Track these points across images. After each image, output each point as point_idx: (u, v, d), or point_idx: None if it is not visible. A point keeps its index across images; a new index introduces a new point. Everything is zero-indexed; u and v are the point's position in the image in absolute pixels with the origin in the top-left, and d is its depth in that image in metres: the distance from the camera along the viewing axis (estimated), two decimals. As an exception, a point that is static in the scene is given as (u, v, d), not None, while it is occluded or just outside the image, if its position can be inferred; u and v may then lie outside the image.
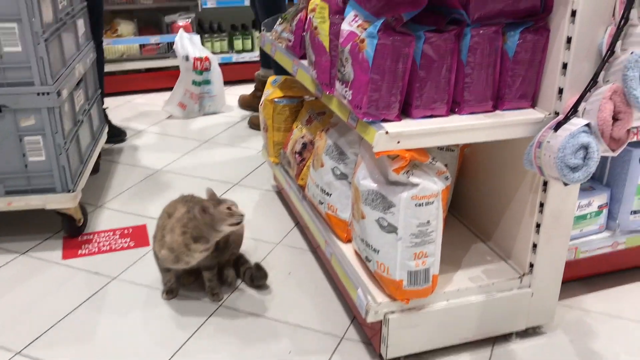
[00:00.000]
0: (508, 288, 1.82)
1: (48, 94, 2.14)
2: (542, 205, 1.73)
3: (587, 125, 1.40)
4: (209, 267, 2.05)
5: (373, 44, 1.47)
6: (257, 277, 2.14)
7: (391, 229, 1.63)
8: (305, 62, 2.11)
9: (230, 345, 1.87)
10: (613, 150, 1.40)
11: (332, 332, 1.94)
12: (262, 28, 2.66)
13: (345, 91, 1.59)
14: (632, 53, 1.35)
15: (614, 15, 1.51)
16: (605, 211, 2.02)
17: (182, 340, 1.88)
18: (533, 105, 1.68)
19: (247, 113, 4.00)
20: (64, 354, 1.82)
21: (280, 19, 2.56)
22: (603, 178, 2.06)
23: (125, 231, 2.52)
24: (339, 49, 1.62)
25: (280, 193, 2.85)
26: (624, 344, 1.89)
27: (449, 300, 1.77)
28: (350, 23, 1.61)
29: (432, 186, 1.61)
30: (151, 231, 2.39)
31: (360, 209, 1.71)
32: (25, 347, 1.84)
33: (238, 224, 1.88)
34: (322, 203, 2.05)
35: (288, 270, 2.26)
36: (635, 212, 2.03)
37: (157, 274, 2.15)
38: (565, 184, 1.42)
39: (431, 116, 1.60)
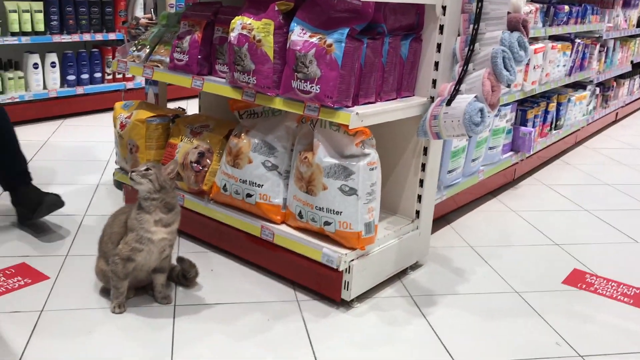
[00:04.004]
0: (408, 231, 2.46)
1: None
2: (423, 165, 2.43)
3: (475, 97, 2.14)
4: (163, 269, 2.14)
5: (341, 48, 1.95)
6: (185, 270, 2.29)
7: (352, 192, 2.11)
8: (212, 77, 2.41)
9: (214, 331, 2.03)
10: (491, 110, 2.18)
11: (286, 299, 2.26)
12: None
13: (312, 86, 2.01)
14: (493, 48, 2.15)
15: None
16: (433, 173, 2.83)
17: (168, 338, 1.97)
18: (413, 94, 2.37)
19: None
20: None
21: (135, 46, 2.73)
22: (424, 152, 2.87)
23: (7, 272, 2.32)
24: (295, 55, 2.03)
25: (140, 214, 2.93)
26: (468, 263, 2.71)
27: (380, 245, 2.31)
28: (300, 35, 2.05)
29: (376, 155, 2.15)
30: (35, 265, 2.38)
31: (322, 182, 2.13)
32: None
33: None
34: (250, 195, 2.36)
35: (206, 269, 2.45)
36: (450, 172, 2.89)
37: (84, 298, 2.16)
38: (470, 137, 2.13)
39: (368, 103, 2.14)
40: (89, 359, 1.83)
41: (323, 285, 2.25)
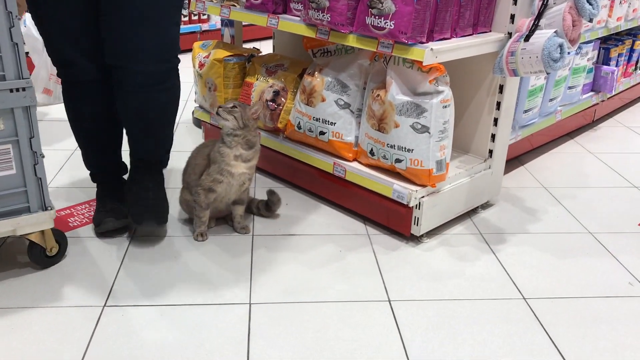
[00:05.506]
0: (480, 170, 2.46)
1: (24, 89, 1.77)
2: (498, 104, 2.40)
3: (555, 32, 2.08)
4: (242, 201, 2.26)
5: (417, -18, 1.93)
6: (272, 202, 2.40)
7: (424, 129, 2.12)
8: (287, 16, 2.45)
9: (289, 259, 2.14)
10: (572, 46, 2.12)
11: (357, 232, 2.34)
12: (195, -5, 2.84)
13: (386, 22, 2.02)
14: (576, -19, 2.07)
15: (539, -38, 2.23)
16: (508, 113, 2.78)
17: (247, 264, 2.10)
18: (489, 29, 2.32)
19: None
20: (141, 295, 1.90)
21: (213, -14, 2.79)
22: (499, 91, 2.82)
23: (92, 202, 2.50)
24: (370, -9, 2.04)
25: (218, 151, 3.05)
26: (541, 203, 2.69)
27: (451, 183, 2.33)
28: (375, -30, 2.04)
29: (449, 92, 2.14)
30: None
31: (394, 120, 2.16)
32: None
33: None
34: (323, 133, 2.42)
35: (281, 203, 2.55)
36: (526, 111, 2.84)
37: (169, 227, 2.32)
38: (548, 73, 2.09)
39: (442, 39, 2.13)
40: (176, 279, 1.99)
41: (393, 221, 2.31)
